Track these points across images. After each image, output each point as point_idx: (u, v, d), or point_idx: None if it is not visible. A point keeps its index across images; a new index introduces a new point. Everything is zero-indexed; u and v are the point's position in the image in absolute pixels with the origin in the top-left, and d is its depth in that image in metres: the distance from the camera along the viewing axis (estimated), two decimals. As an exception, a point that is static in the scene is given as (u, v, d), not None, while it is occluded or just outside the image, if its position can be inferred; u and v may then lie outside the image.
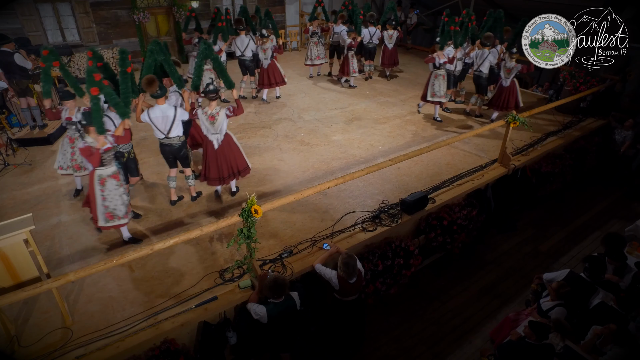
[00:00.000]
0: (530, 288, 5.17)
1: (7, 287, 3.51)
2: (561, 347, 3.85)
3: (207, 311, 3.95)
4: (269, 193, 5.90)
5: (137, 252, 3.49)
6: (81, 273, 3.31)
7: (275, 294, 3.74)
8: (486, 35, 7.96)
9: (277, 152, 7.10)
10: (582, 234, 6.87)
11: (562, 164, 7.18)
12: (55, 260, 4.63)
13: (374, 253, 4.85)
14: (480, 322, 5.24)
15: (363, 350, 4.83)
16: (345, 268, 3.96)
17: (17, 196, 5.79)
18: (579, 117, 8.45)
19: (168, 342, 3.67)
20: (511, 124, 6.07)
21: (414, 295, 5.61)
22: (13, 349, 3.56)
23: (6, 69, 7.11)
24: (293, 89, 10.13)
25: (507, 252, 6.48)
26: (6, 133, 7.34)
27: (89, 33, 11.04)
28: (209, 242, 4.91)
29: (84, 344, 3.61)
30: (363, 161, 6.76)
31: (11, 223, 3.58)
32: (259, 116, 8.55)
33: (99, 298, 4.13)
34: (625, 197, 7.85)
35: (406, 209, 5.33)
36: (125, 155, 5.24)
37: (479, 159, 6.85)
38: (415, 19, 14.43)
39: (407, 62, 12.61)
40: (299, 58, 13.28)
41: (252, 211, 3.81)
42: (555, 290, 4.26)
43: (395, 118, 8.53)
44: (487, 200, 6.18)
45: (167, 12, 12.03)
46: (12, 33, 8.88)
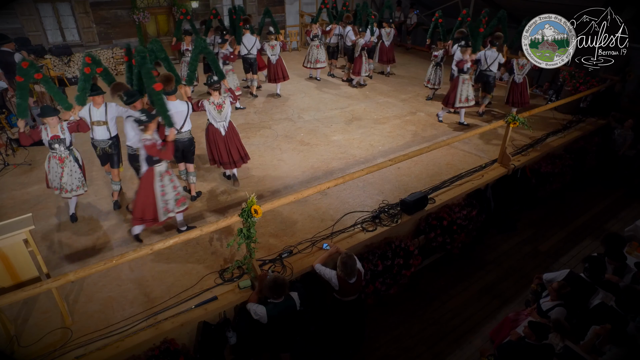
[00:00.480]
0: (530, 288, 5.17)
1: (7, 287, 3.51)
2: (561, 347, 3.85)
3: (207, 311, 3.95)
4: (269, 193, 5.90)
5: (136, 252, 3.49)
6: (81, 273, 3.31)
7: (275, 294, 3.73)
8: (496, 35, 7.99)
9: (277, 152, 7.10)
10: (581, 234, 6.87)
11: (562, 164, 7.18)
12: (55, 260, 4.63)
13: (374, 253, 4.85)
14: (480, 322, 5.24)
15: (363, 350, 4.83)
16: (344, 268, 3.96)
17: (17, 196, 5.79)
18: (578, 117, 8.45)
19: (168, 342, 3.67)
20: (511, 124, 6.07)
21: (414, 296, 5.61)
22: (13, 349, 3.56)
23: (6, 69, 7.12)
24: (293, 89, 10.13)
25: (506, 252, 6.48)
26: (6, 133, 7.33)
27: (88, 33, 11.04)
28: (208, 242, 4.91)
29: (83, 344, 3.61)
30: (363, 161, 6.76)
31: (11, 223, 3.58)
32: (259, 116, 8.55)
33: (98, 298, 4.13)
34: (625, 197, 7.85)
35: (406, 209, 5.33)
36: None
37: (478, 159, 6.85)
38: (415, 19, 14.42)
39: (407, 62, 12.61)
40: (299, 58, 13.27)
41: (252, 211, 3.81)
42: (555, 290, 4.26)
43: (395, 118, 8.53)
44: (487, 200, 6.18)
45: (167, 12, 12.03)
46: (11, 33, 8.89)
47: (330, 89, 10.31)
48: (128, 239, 4.99)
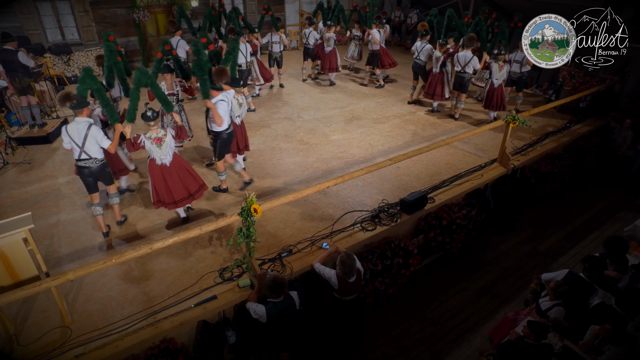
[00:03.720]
0: (529, 288, 5.18)
1: (6, 286, 3.51)
2: (560, 346, 3.85)
3: (206, 310, 3.95)
4: (269, 192, 5.89)
5: (136, 251, 3.49)
6: (80, 272, 3.31)
7: (274, 293, 3.74)
8: (469, 37, 7.71)
9: (277, 151, 7.10)
10: (581, 234, 6.88)
11: (561, 164, 7.19)
12: (54, 259, 4.63)
13: (373, 252, 4.85)
14: (479, 322, 5.25)
15: (362, 349, 4.83)
16: (343, 267, 3.96)
17: (16, 195, 5.79)
18: (578, 117, 8.46)
19: (167, 341, 3.67)
20: (511, 123, 6.07)
21: (413, 295, 5.61)
22: (12, 348, 3.56)
23: (9, 67, 7.12)
24: (293, 89, 10.13)
25: (506, 252, 6.49)
26: (5, 132, 7.33)
27: (88, 32, 11.03)
28: (208, 241, 4.91)
29: (83, 342, 3.61)
30: (362, 161, 6.76)
31: (10, 222, 3.58)
32: (259, 115, 8.54)
33: (98, 297, 4.13)
34: (624, 197, 7.86)
35: (405, 209, 5.33)
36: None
37: (478, 158, 6.85)
38: (415, 19, 14.41)
39: (407, 62, 12.59)
40: (298, 57, 13.27)
41: (252, 210, 3.81)
42: (554, 290, 4.27)
43: (394, 118, 8.53)
44: (486, 200, 6.19)
45: (166, 11, 12.01)
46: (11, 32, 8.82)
47: (330, 88, 10.31)
48: (128, 238, 4.99)
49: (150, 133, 4.73)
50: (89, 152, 4.61)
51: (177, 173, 4.92)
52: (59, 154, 6.98)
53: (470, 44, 7.61)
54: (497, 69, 7.65)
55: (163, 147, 4.76)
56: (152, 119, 4.73)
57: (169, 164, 4.84)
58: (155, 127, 4.78)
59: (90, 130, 4.53)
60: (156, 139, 4.73)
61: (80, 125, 4.53)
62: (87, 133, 4.52)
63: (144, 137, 4.72)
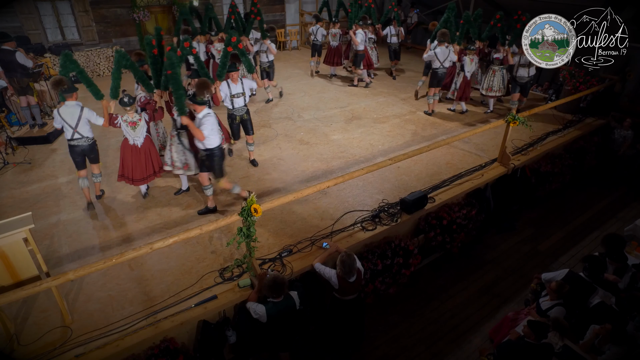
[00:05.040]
0: (529, 287, 5.18)
1: (7, 286, 3.51)
2: (560, 346, 3.85)
3: (207, 310, 3.95)
4: (269, 192, 5.89)
5: (136, 250, 3.49)
6: (80, 272, 3.31)
7: (274, 293, 3.74)
8: (441, 32, 7.90)
9: (277, 151, 7.09)
10: (581, 233, 6.88)
11: (562, 164, 7.19)
12: (55, 259, 4.63)
13: (374, 252, 4.85)
14: (479, 322, 5.25)
15: (362, 349, 4.83)
16: (344, 267, 3.96)
17: (17, 195, 5.79)
18: (578, 117, 8.46)
19: (167, 341, 3.67)
20: (511, 123, 6.07)
21: (413, 295, 5.61)
22: (12, 348, 3.57)
23: (7, 67, 7.12)
24: (293, 88, 10.13)
25: (506, 251, 6.48)
26: (6, 132, 7.33)
27: (88, 32, 11.04)
28: (208, 241, 4.92)
29: (83, 342, 3.61)
30: (363, 160, 6.76)
31: (10, 222, 3.58)
32: (259, 115, 8.54)
33: (98, 297, 4.13)
34: (624, 197, 7.86)
35: (406, 209, 5.33)
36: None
37: (478, 158, 6.85)
38: (415, 18, 14.41)
39: (407, 62, 12.61)
40: (298, 57, 13.29)
41: (252, 210, 3.81)
42: (554, 290, 4.27)
43: (394, 117, 8.53)
44: (486, 199, 6.19)
45: (166, 11, 12.02)
46: (11, 31, 8.88)
47: (330, 88, 10.31)
48: (128, 238, 4.99)
49: (126, 116, 5.22)
50: (81, 132, 5.14)
51: (145, 155, 5.42)
52: (59, 154, 6.98)
53: (443, 39, 7.92)
54: (469, 62, 8.11)
55: (137, 130, 5.29)
56: (128, 105, 5.17)
57: (140, 146, 5.35)
58: (132, 112, 5.23)
59: (83, 112, 5.09)
60: (131, 122, 5.24)
61: (72, 109, 5.05)
62: (81, 115, 5.07)
63: (120, 119, 5.21)
